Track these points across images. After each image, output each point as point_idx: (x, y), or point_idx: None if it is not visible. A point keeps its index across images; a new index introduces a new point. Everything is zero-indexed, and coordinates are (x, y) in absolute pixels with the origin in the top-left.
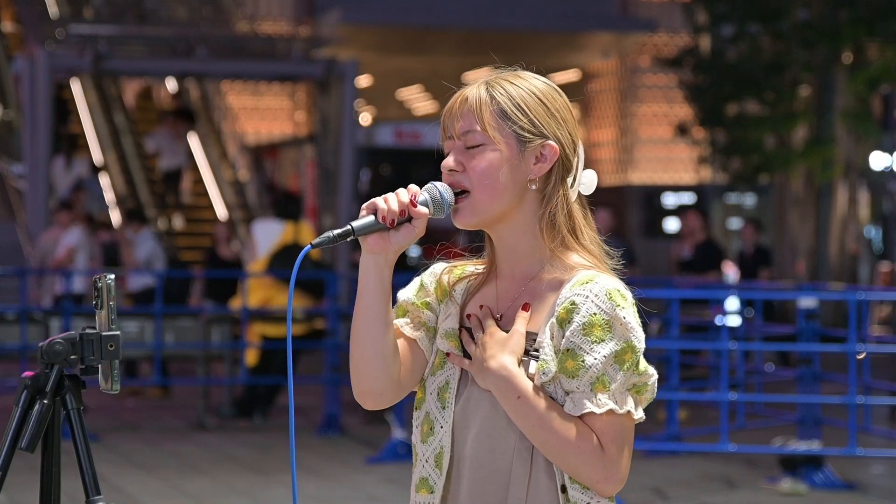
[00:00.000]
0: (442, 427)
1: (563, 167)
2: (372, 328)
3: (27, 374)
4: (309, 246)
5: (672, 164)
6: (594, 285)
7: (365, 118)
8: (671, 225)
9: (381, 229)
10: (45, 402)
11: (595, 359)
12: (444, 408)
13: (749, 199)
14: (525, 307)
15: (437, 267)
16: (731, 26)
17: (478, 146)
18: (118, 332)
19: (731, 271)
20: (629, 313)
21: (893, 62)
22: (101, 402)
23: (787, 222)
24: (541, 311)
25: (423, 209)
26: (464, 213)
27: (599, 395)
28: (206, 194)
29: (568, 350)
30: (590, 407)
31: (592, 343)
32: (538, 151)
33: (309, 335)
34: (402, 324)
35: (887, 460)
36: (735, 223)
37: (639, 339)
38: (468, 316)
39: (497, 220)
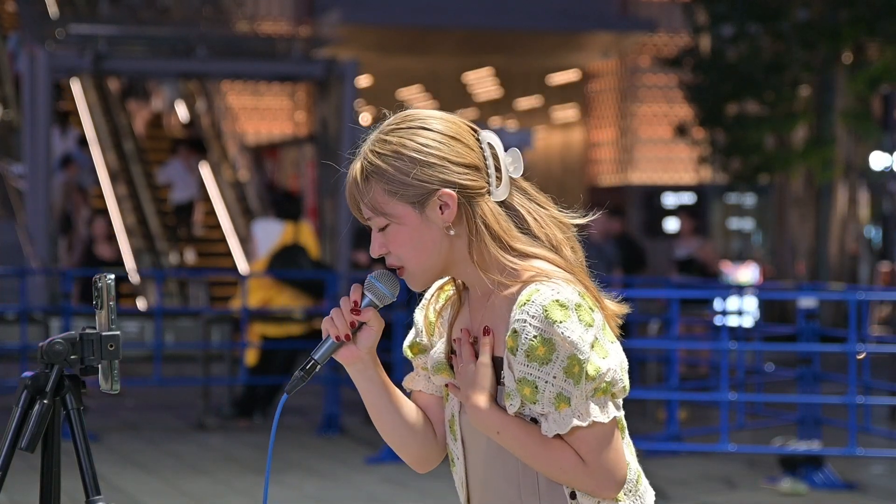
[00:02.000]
0: (458, 458)
1: (468, 195)
2: (386, 422)
3: (27, 374)
4: (286, 395)
5: (672, 164)
6: (530, 306)
7: (365, 118)
8: (671, 225)
9: (342, 346)
10: (45, 402)
11: (546, 381)
12: (455, 440)
13: (749, 199)
14: (485, 332)
15: (427, 294)
16: (731, 26)
17: (385, 227)
18: (118, 332)
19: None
20: (568, 325)
21: (893, 62)
22: (101, 402)
23: (787, 222)
24: (503, 331)
25: (367, 311)
26: (410, 282)
27: (563, 413)
28: (218, 227)
29: (522, 379)
30: (556, 429)
31: (540, 366)
32: (437, 204)
33: (308, 335)
34: (415, 380)
35: (887, 460)
36: (735, 223)
37: (582, 350)
38: (455, 340)
39: (444, 270)
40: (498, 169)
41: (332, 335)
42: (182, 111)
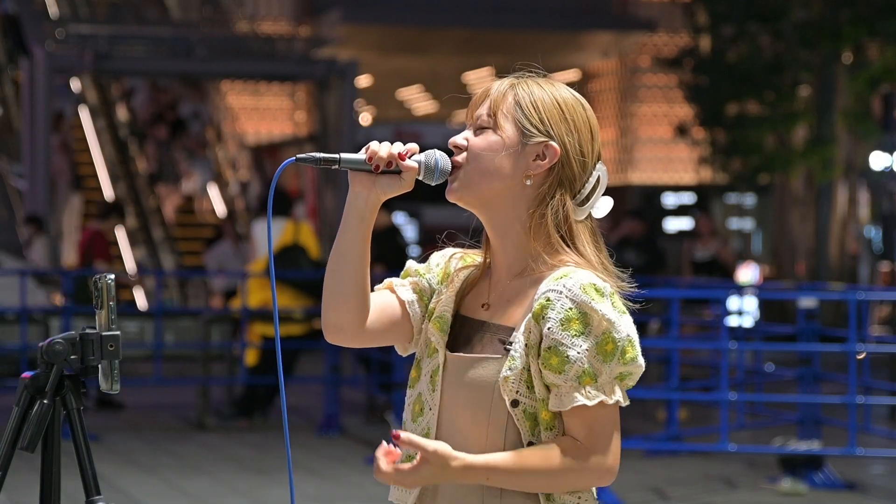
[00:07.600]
0: (430, 409)
1: (563, 173)
2: (339, 262)
3: (27, 374)
4: (293, 158)
5: (672, 164)
6: (568, 280)
7: (365, 118)
8: (671, 225)
9: (366, 170)
10: (45, 402)
11: (578, 353)
12: (433, 390)
13: (749, 199)
14: (395, 436)
15: (450, 251)
16: (731, 26)
17: (485, 129)
18: (118, 332)
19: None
20: (605, 305)
21: (893, 62)
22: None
23: (787, 222)
24: (521, 306)
25: (410, 163)
26: (453, 185)
27: (588, 388)
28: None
29: (550, 347)
30: (581, 400)
31: (573, 337)
32: (540, 149)
33: (308, 335)
34: (398, 284)
35: (887, 460)
36: (735, 223)
37: (619, 330)
38: (395, 437)
39: (485, 204)
40: (589, 197)
41: (368, 156)
42: (215, 195)
